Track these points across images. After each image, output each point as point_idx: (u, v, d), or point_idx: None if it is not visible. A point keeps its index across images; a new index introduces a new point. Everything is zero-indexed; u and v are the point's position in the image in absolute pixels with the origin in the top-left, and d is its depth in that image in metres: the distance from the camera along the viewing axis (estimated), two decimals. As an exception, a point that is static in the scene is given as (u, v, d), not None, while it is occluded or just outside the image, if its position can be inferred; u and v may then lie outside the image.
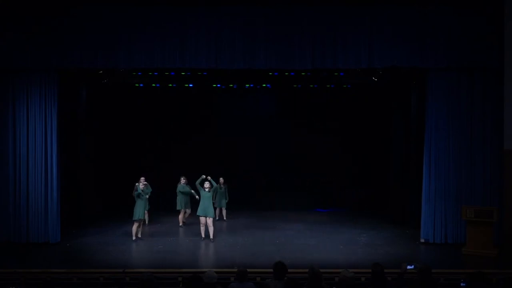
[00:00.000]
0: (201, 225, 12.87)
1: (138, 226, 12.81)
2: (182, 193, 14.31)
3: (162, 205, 15.69)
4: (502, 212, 12.06)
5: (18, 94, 12.43)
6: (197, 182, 12.84)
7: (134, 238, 12.71)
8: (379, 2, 12.18)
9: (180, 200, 14.35)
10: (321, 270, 6.83)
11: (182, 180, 14.41)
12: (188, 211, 14.50)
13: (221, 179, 14.90)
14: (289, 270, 6.99)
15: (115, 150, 16.79)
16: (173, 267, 10.53)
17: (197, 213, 12.79)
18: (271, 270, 6.86)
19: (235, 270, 7.76)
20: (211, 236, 12.72)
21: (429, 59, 12.20)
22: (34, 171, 12.44)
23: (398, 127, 15.08)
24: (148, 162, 16.78)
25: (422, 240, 12.56)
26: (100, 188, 15.66)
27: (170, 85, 16.74)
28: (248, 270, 7.10)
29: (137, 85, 16.67)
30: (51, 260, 11.29)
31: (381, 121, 16.24)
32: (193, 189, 13.91)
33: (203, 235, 12.83)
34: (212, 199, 13.29)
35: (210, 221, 12.74)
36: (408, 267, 7.56)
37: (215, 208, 14.10)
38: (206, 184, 12.87)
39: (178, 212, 14.42)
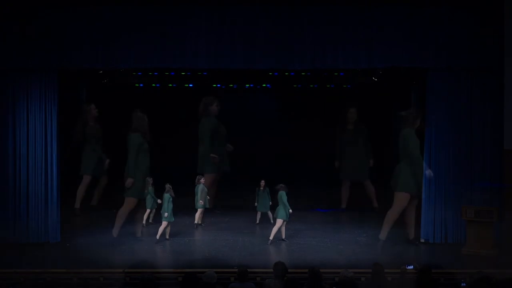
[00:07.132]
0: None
1: (167, 226, 12.20)
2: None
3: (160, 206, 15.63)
4: (502, 212, 12.07)
5: (18, 94, 12.38)
6: None
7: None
8: (379, 2, 12.19)
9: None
10: (321, 270, 6.84)
11: (202, 180, 13.54)
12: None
13: (263, 182, 13.73)
14: (289, 270, 7.00)
15: (115, 150, 16.74)
16: (173, 267, 10.53)
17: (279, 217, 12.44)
18: (271, 270, 6.87)
19: (235, 270, 7.78)
20: (283, 237, 12.52)
21: (429, 59, 12.18)
22: (34, 171, 12.40)
23: (398, 127, 15.03)
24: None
25: (422, 240, 12.55)
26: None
27: (170, 85, 16.75)
28: (248, 270, 7.11)
29: (137, 85, 16.68)
30: (51, 260, 11.29)
31: (381, 121, 16.21)
32: None
33: (283, 236, 12.52)
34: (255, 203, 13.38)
35: (278, 222, 12.38)
36: (408, 267, 7.59)
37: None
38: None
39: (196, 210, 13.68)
